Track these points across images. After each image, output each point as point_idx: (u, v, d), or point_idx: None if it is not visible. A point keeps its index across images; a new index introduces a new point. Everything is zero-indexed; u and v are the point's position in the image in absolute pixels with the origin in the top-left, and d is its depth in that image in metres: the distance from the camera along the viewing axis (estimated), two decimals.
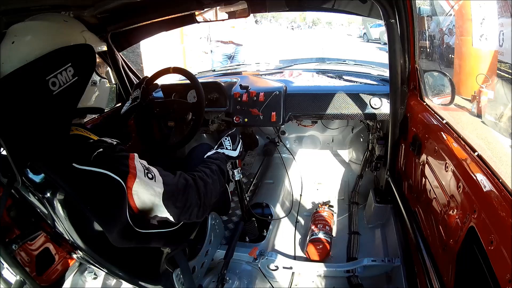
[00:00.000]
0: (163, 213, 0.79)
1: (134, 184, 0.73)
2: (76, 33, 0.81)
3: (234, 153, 1.12)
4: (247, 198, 1.49)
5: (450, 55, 1.87)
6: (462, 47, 1.56)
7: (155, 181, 0.77)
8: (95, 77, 0.87)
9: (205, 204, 0.86)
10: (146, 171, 0.77)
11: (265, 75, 1.89)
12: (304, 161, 2.15)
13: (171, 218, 0.81)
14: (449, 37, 1.92)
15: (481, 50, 1.37)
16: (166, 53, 3.90)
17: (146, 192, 0.75)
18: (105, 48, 0.94)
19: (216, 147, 1.12)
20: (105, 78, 0.92)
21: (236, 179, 1.34)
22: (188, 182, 0.84)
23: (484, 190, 0.67)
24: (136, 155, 0.79)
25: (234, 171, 1.32)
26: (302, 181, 1.99)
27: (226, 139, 1.14)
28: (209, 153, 1.08)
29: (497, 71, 1.28)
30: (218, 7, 1.30)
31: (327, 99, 1.45)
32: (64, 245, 1.08)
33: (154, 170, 0.80)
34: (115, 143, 0.77)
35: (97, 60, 0.86)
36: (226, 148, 1.11)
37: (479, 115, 1.23)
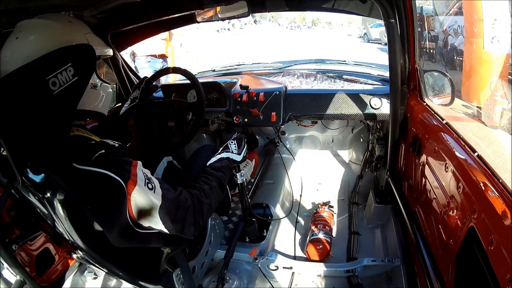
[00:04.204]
0: (158, 224, 0.78)
1: (133, 191, 0.73)
2: (79, 34, 0.81)
3: (239, 157, 1.10)
4: (249, 200, 1.48)
5: (455, 57, 1.81)
6: (472, 49, 1.45)
7: (154, 192, 0.76)
8: (96, 81, 0.86)
9: (199, 225, 0.85)
10: (147, 180, 0.76)
11: (265, 75, 1.89)
12: (304, 161, 2.15)
13: (165, 231, 0.80)
14: (453, 38, 1.89)
15: (493, 53, 1.27)
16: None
17: (144, 202, 0.74)
18: (111, 52, 0.93)
19: (220, 150, 1.10)
20: (106, 82, 0.91)
21: (239, 182, 1.33)
22: (187, 203, 0.82)
23: (484, 190, 0.67)
24: (139, 163, 0.78)
25: (237, 174, 1.31)
26: (302, 181, 1.99)
27: (232, 142, 1.12)
28: (212, 160, 1.05)
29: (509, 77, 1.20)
30: (218, 7, 1.30)
31: (327, 99, 1.45)
32: (64, 245, 1.08)
33: (155, 181, 0.79)
34: (117, 145, 0.77)
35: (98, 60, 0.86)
36: (232, 152, 1.09)
37: (493, 126, 1.15)
